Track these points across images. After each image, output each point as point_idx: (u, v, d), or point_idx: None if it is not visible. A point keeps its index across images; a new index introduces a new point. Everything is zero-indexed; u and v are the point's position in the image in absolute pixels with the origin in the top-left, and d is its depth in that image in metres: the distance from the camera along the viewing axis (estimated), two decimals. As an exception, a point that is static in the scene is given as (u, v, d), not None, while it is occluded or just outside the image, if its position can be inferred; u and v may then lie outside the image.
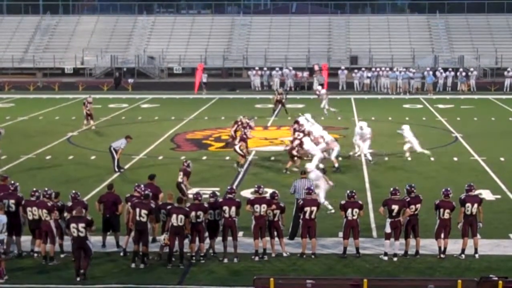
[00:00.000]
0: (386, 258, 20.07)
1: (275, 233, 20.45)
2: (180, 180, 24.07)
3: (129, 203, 20.37)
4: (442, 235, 20.10)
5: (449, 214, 20.07)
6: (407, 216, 20.13)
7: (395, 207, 20.03)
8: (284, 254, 20.45)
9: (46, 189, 20.51)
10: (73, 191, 20.81)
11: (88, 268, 18.83)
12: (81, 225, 18.72)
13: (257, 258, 20.13)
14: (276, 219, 20.42)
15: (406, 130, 33.32)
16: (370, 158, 32.52)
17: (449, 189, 20.42)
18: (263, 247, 20.25)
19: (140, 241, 19.69)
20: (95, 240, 20.25)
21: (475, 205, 20.15)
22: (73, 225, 18.75)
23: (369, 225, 22.86)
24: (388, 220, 20.13)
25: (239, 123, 33.58)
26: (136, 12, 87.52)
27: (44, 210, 19.93)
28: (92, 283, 18.49)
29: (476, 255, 20.11)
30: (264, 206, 20.30)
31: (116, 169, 30.39)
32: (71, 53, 77.13)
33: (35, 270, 19.49)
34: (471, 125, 44.10)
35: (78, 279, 18.66)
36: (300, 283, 16.75)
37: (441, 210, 20.05)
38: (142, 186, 21.09)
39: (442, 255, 20.09)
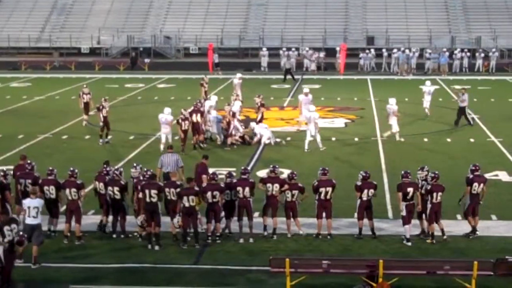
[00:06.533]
0: (410, 243, 19.88)
1: (291, 213, 20.49)
2: None
3: (138, 186, 20.08)
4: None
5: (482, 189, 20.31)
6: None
7: (410, 190, 19.98)
8: (301, 232, 20.47)
9: (72, 168, 20.54)
10: (104, 166, 21.07)
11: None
12: (116, 189, 20.09)
13: (265, 233, 20.19)
14: (294, 199, 20.44)
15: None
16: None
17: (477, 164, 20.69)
18: (274, 226, 20.29)
19: (152, 222, 19.65)
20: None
21: (481, 185, 20.35)
22: (109, 188, 20.13)
23: (385, 206, 22.84)
24: (403, 204, 20.03)
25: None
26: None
27: (73, 189, 19.96)
28: (109, 263, 18.66)
29: (477, 233, 20.30)
30: (276, 185, 20.33)
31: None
32: (87, 33, 77.11)
33: (53, 249, 19.60)
34: (488, 106, 43.85)
35: (114, 236, 20.39)
36: (315, 263, 16.81)
37: (476, 184, 20.18)
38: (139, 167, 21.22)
39: (473, 235, 20.25)
